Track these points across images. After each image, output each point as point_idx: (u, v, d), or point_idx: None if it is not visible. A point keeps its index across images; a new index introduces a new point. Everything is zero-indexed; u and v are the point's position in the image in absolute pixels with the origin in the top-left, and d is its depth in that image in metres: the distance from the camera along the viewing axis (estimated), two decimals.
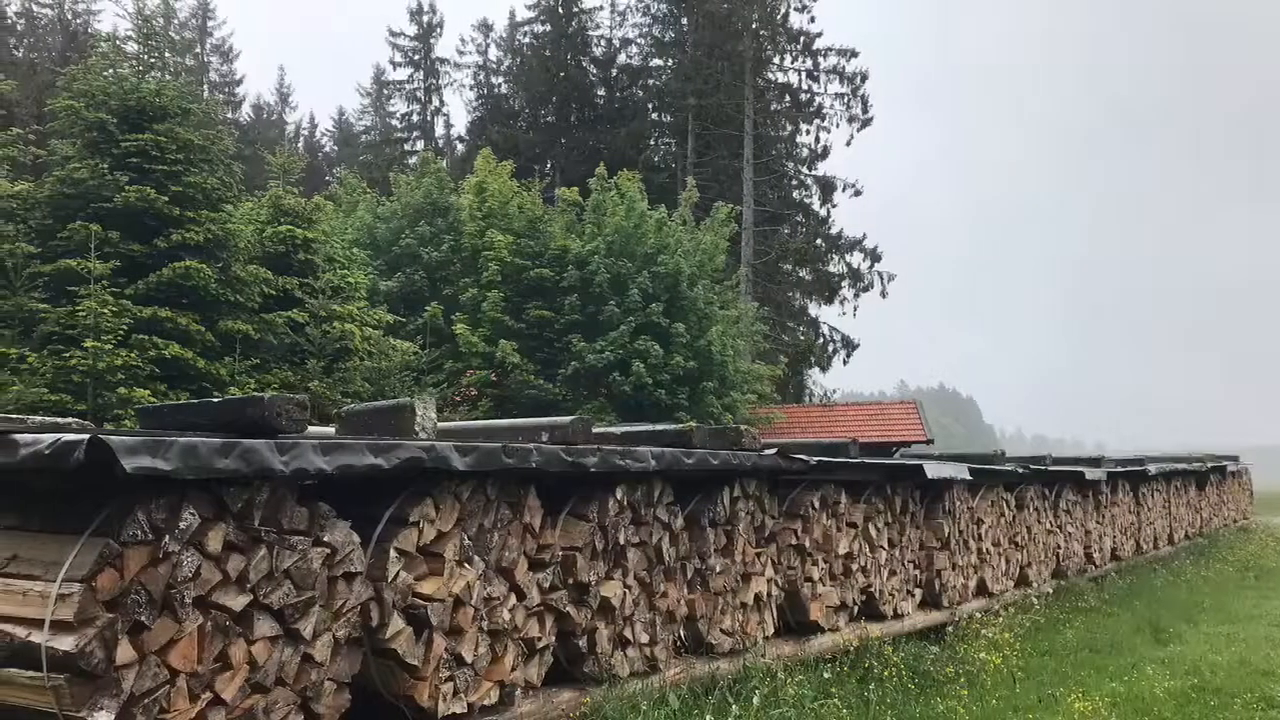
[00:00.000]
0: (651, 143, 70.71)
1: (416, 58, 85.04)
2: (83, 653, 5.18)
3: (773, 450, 10.99)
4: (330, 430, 7.97)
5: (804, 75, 64.90)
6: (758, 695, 9.46)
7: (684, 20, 70.38)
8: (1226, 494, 35.61)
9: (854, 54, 63.72)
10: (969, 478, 15.14)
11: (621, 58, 75.30)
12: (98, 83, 21.07)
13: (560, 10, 74.47)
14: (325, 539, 6.51)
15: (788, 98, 65.48)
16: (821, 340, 63.62)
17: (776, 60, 65.62)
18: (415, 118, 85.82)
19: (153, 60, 22.80)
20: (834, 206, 64.57)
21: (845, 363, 63.80)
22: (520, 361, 32.56)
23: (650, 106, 72.45)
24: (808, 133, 65.42)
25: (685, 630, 10.09)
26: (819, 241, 63.54)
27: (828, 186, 64.29)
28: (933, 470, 13.93)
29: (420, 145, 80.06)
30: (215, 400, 6.49)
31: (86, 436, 5.09)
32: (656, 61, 73.49)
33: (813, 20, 64.64)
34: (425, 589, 7.23)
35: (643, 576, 9.45)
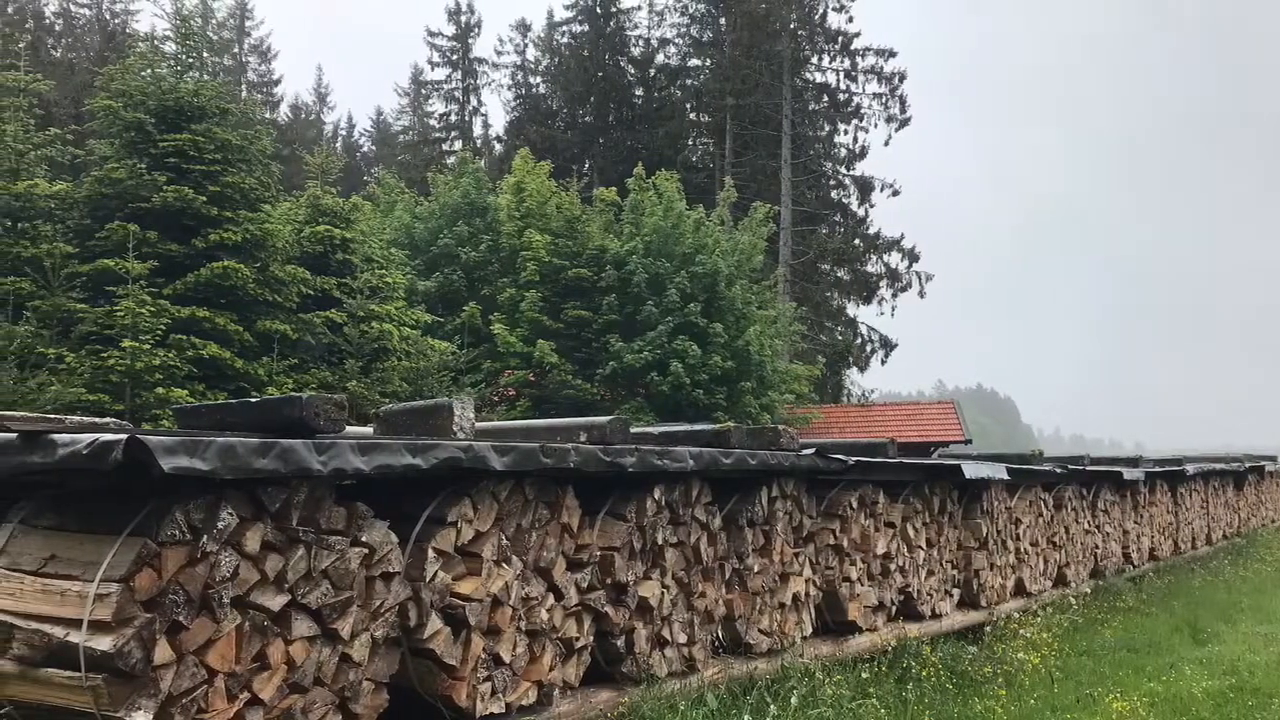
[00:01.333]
0: (689, 143, 70.79)
1: (454, 58, 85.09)
2: (120, 653, 5.18)
3: (811, 450, 10.96)
4: (368, 430, 7.96)
5: (842, 75, 65.01)
6: (796, 695, 9.44)
7: (722, 20, 70.33)
8: (1265, 494, 35.40)
9: (892, 54, 63.82)
10: (1007, 478, 15.07)
11: (659, 58, 75.32)
12: (136, 83, 21.16)
13: (598, 10, 74.61)
14: (363, 539, 6.50)
15: (826, 98, 65.54)
16: (859, 340, 63.59)
17: (814, 60, 65.78)
18: (453, 118, 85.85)
19: (191, 60, 22.89)
20: (872, 206, 64.73)
21: (883, 363, 63.87)
22: (558, 361, 32.59)
23: (688, 106, 72.43)
24: (846, 133, 65.59)
25: (723, 630, 10.07)
26: (857, 241, 63.53)
27: (866, 186, 64.30)
28: (971, 470, 13.87)
29: (458, 145, 79.94)
30: (253, 400, 6.48)
31: (124, 436, 5.09)
32: (694, 61, 73.51)
33: (850, 20, 64.44)
34: (463, 589, 7.22)
35: (681, 576, 9.43)
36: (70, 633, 5.29)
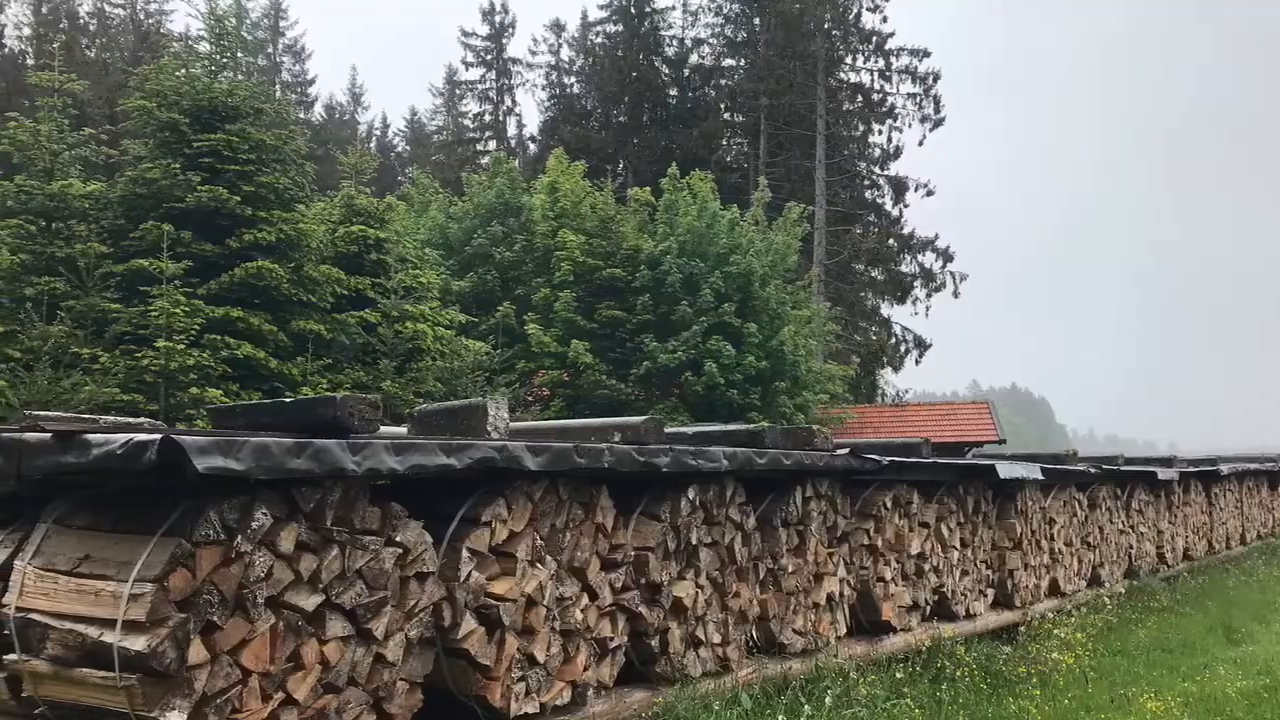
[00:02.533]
0: (724, 143, 70.69)
1: (489, 58, 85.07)
2: (155, 653, 5.19)
3: (845, 450, 10.94)
4: (402, 430, 7.96)
5: (876, 75, 64.94)
6: (830, 695, 9.43)
7: (756, 20, 70.20)
8: None
9: (926, 54, 63.70)
10: (1041, 477, 15.00)
11: (694, 58, 75.14)
12: (170, 83, 21.19)
13: (632, 10, 74.47)
14: (398, 539, 6.50)
15: (860, 98, 65.45)
16: (894, 340, 63.45)
17: (849, 60, 65.72)
18: (487, 118, 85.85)
19: (225, 60, 22.92)
20: (906, 206, 64.70)
21: (917, 363, 63.74)
22: (592, 361, 32.55)
23: (722, 106, 72.29)
24: (880, 133, 65.53)
25: (757, 630, 10.06)
26: (891, 241, 63.43)
27: (900, 186, 64.25)
28: (1005, 470, 13.82)
29: (492, 145, 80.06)
30: (288, 400, 6.49)
31: (159, 437, 5.09)
32: (729, 61, 73.44)
33: (885, 20, 64.36)
34: (498, 589, 7.21)
35: (715, 576, 9.42)
36: (104, 633, 5.31)
